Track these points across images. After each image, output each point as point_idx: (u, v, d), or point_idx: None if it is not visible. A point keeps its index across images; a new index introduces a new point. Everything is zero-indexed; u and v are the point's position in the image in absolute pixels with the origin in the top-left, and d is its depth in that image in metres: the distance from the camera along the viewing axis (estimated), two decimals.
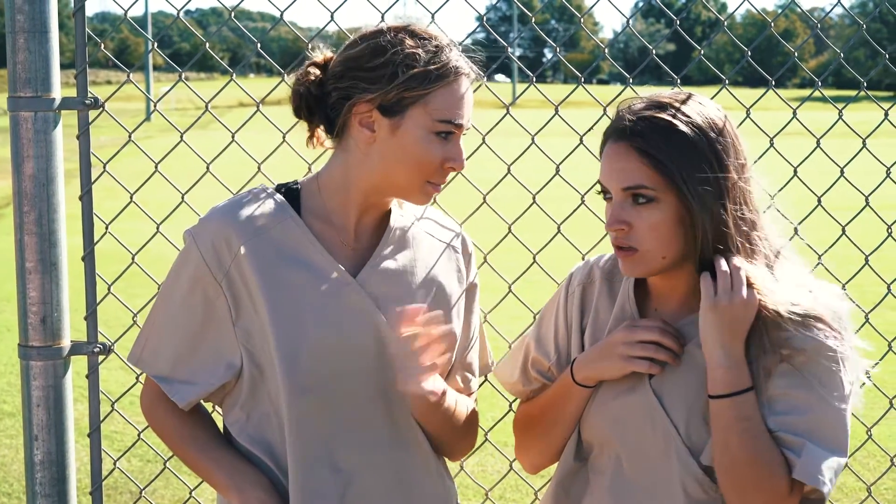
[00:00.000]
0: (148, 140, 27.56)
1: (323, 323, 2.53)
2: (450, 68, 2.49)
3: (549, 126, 3.61)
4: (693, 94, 2.52)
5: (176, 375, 2.61)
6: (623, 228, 2.46)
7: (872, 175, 3.91)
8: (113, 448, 6.90)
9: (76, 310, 3.12)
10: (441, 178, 2.55)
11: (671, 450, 2.50)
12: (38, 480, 3.12)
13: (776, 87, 3.67)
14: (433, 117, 2.48)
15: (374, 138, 2.51)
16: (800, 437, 2.41)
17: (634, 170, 2.44)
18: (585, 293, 2.71)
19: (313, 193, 2.61)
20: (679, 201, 2.42)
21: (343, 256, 2.59)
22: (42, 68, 3.00)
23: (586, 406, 2.64)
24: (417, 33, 2.52)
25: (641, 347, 2.52)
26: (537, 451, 2.77)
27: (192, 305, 2.58)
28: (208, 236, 2.55)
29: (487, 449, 6.67)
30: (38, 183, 3.02)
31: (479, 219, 3.54)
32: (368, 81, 2.48)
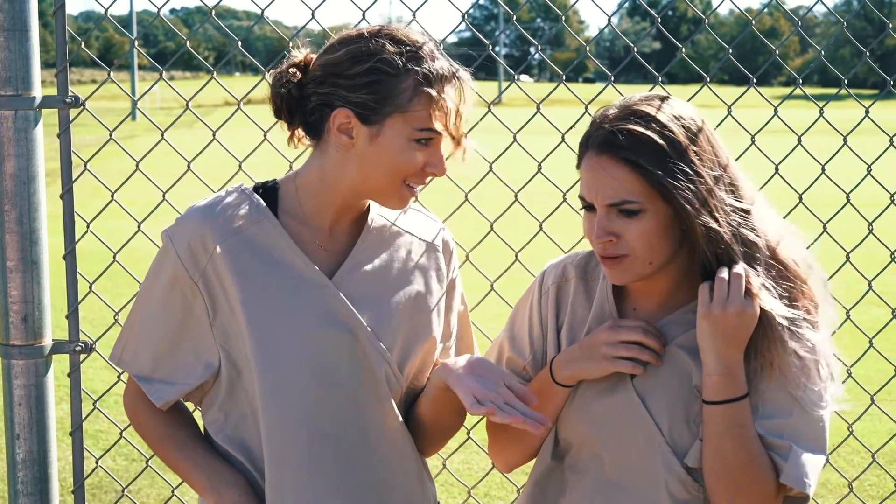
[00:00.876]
0: (133, 139, 27.50)
1: (298, 324, 2.53)
2: (428, 76, 2.47)
3: (534, 124, 3.62)
4: (667, 97, 2.52)
5: (155, 375, 2.61)
6: (612, 240, 2.46)
7: (854, 173, 3.92)
8: (97, 447, 6.88)
9: (58, 308, 3.12)
10: (420, 181, 2.54)
11: (654, 450, 2.51)
12: (21, 479, 3.11)
13: (761, 84, 3.70)
14: (413, 125, 2.47)
15: (353, 144, 2.50)
16: (785, 441, 2.42)
17: (619, 183, 2.43)
18: (560, 291, 2.70)
19: (290, 194, 2.60)
20: (665, 209, 2.43)
21: (319, 258, 2.58)
22: (22, 67, 3.00)
23: (565, 405, 2.64)
24: (398, 38, 2.50)
25: (625, 348, 2.52)
26: (514, 451, 2.75)
27: (170, 305, 2.57)
28: (184, 236, 2.55)
29: (472, 447, 6.67)
30: (19, 181, 3.02)
31: (461, 217, 3.54)
32: (348, 89, 2.47)
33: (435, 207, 2.81)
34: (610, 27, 3.55)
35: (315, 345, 2.53)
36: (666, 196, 2.41)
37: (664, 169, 2.41)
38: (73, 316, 3.22)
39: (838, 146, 3.80)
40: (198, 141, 3.12)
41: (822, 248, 3.58)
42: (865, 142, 4.45)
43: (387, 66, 2.46)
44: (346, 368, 2.55)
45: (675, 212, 2.43)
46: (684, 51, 3.58)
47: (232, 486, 2.56)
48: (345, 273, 2.58)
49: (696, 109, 2.52)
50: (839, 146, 3.80)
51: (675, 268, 2.52)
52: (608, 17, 3.52)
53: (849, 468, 6.68)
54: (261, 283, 2.53)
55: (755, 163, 3.14)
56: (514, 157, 3.57)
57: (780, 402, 2.44)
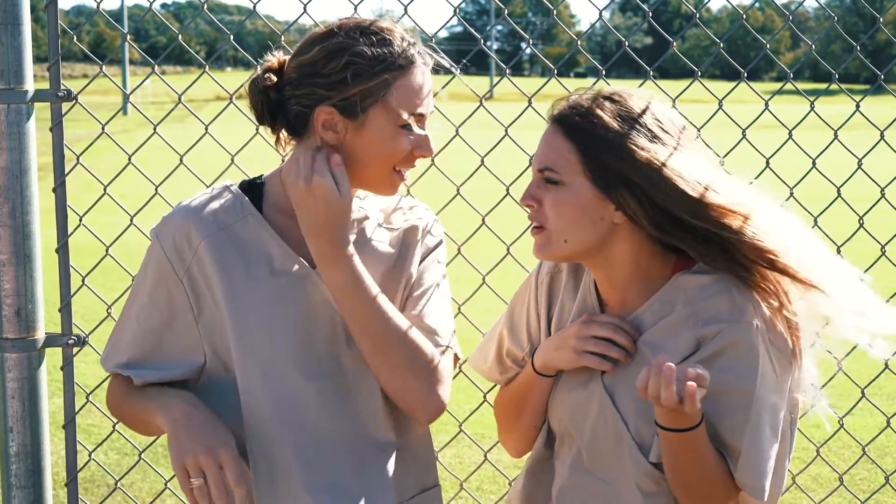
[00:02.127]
0: (125, 134, 27.48)
1: (280, 315, 2.54)
2: (404, 60, 2.49)
3: (526, 119, 3.62)
4: (626, 89, 2.55)
5: (136, 363, 2.62)
6: (532, 205, 2.51)
7: (845, 167, 3.93)
8: (90, 441, 6.89)
9: (51, 302, 3.12)
10: (409, 165, 2.56)
11: (622, 445, 2.52)
12: (14, 472, 3.12)
13: (752, 79, 3.70)
14: (397, 112, 2.48)
15: (340, 138, 2.51)
16: (736, 440, 2.42)
17: (550, 151, 2.50)
18: (553, 282, 2.72)
19: (276, 188, 2.61)
20: (587, 188, 2.45)
21: (305, 248, 2.57)
22: (15, 60, 3.00)
23: (550, 396, 2.66)
24: (369, 31, 2.50)
25: (594, 343, 2.53)
26: (515, 437, 2.78)
27: (157, 303, 2.59)
28: (170, 234, 2.57)
29: (464, 441, 6.69)
30: (12, 175, 3.02)
31: (452, 211, 3.55)
32: (326, 87, 2.48)
33: (427, 201, 2.81)
34: (601, 22, 3.56)
35: (297, 335, 2.54)
36: (594, 176, 2.44)
37: (602, 146, 2.43)
38: (65, 309, 3.23)
39: (829, 141, 3.81)
40: (189, 135, 3.13)
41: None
42: (857, 136, 4.46)
43: (361, 58, 2.47)
44: (330, 358, 2.56)
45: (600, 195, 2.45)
46: (676, 45, 3.59)
47: (178, 399, 2.51)
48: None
49: (678, 116, 2.53)
50: (830, 141, 3.82)
51: (623, 258, 2.52)
52: (599, 12, 3.53)
53: (839, 462, 6.70)
54: (243, 276, 2.54)
55: (746, 157, 3.15)
56: (506, 152, 3.57)
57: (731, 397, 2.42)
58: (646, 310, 2.54)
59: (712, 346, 2.44)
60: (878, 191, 3.89)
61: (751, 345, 2.42)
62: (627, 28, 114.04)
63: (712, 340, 2.43)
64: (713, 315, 2.45)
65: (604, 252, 2.51)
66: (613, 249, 2.51)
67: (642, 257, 2.53)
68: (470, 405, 6.72)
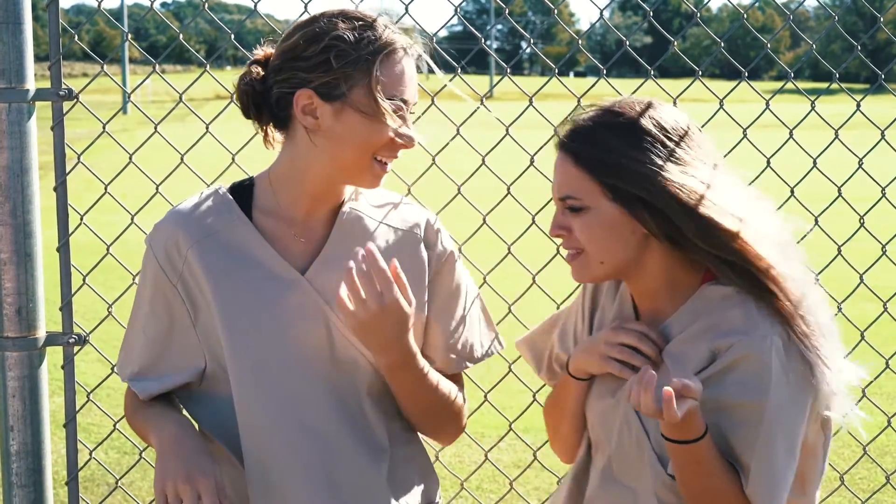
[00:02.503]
0: (126, 133, 27.46)
1: (272, 321, 2.53)
2: (385, 44, 2.48)
3: (527, 118, 3.62)
4: (648, 101, 2.52)
5: (143, 374, 2.65)
6: (561, 234, 2.52)
7: (846, 167, 3.93)
8: (90, 439, 6.89)
9: (52, 301, 3.12)
10: (390, 154, 2.54)
11: (644, 454, 2.52)
12: (14, 471, 3.12)
13: (753, 79, 3.69)
14: (376, 96, 2.46)
15: (319, 125, 2.49)
16: (747, 455, 2.40)
17: (565, 179, 2.49)
18: (597, 289, 2.74)
19: (265, 189, 2.61)
20: (611, 208, 2.45)
21: (296, 251, 2.58)
22: (16, 59, 3.00)
23: (585, 403, 2.67)
24: (351, 15, 2.51)
25: (619, 350, 2.54)
26: (560, 442, 2.80)
27: (157, 310, 2.61)
28: (161, 241, 2.58)
29: (464, 440, 6.68)
30: (13, 174, 3.02)
31: (453, 210, 3.55)
32: (306, 70, 2.48)
33: (427, 200, 2.81)
34: (601, 21, 3.56)
35: (288, 340, 2.54)
36: (614, 195, 2.44)
37: (613, 170, 2.43)
38: (66, 308, 3.23)
39: (830, 140, 3.81)
40: (190, 134, 3.13)
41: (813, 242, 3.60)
42: (857, 136, 4.46)
43: (342, 42, 2.46)
44: (322, 362, 2.56)
45: (624, 212, 2.44)
46: (676, 45, 3.59)
47: (171, 422, 2.54)
48: (318, 266, 2.57)
49: (682, 115, 2.52)
50: (831, 140, 3.82)
51: (654, 270, 2.52)
52: (600, 11, 3.53)
53: (840, 461, 6.70)
54: (233, 282, 2.54)
55: (747, 157, 3.15)
56: (507, 151, 3.57)
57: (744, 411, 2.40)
58: (675, 320, 2.54)
59: (725, 358, 2.42)
60: (879, 190, 3.89)
61: (763, 358, 2.39)
62: (627, 27, 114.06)
63: (725, 353, 2.42)
64: (729, 327, 2.44)
65: (638, 266, 2.52)
66: (646, 262, 2.51)
67: (673, 268, 2.53)
68: (470, 405, 6.70)
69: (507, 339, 2.88)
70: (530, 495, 6.19)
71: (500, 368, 3.66)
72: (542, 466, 3.91)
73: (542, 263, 3.69)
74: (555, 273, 3.90)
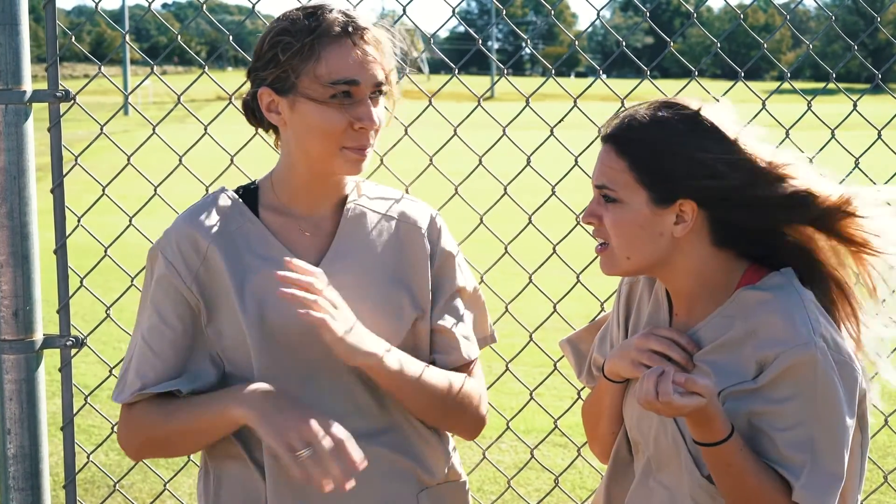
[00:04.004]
0: (126, 134, 27.46)
1: (287, 316, 2.54)
2: (326, 29, 2.50)
3: (525, 119, 3.62)
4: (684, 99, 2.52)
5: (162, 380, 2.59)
6: (592, 222, 2.52)
7: (843, 167, 3.93)
8: (90, 441, 6.88)
9: (49, 303, 3.12)
10: (355, 140, 2.54)
11: (680, 457, 2.52)
12: (12, 474, 3.12)
13: (754, 79, 3.70)
14: (323, 82, 2.49)
15: (284, 121, 2.55)
16: (802, 455, 2.39)
17: (606, 169, 2.48)
18: (632, 291, 2.74)
19: (268, 189, 2.65)
20: (645, 204, 2.45)
21: (305, 246, 2.61)
22: (13, 61, 3.00)
23: (623, 405, 2.68)
24: (304, 9, 2.54)
25: (649, 356, 2.53)
26: (598, 441, 2.80)
27: (167, 318, 2.58)
28: (174, 244, 2.59)
29: (463, 441, 6.67)
30: (10, 176, 3.02)
31: (451, 210, 3.54)
32: (263, 69, 2.54)
33: (425, 200, 2.81)
34: (601, 21, 3.56)
35: (303, 335, 2.55)
36: (651, 193, 2.44)
37: (654, 166, 2.43)
38: (64, 310, 3.23)
39: (826, 140, 3.81)
40: (190, 135, 3.13)
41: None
42: (855, 136, 4.46)
43: (287, 35, 2.51)
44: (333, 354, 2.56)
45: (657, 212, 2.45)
46: (677, 45, 3.59)
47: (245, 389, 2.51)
48: (328, 262, 2.60)
49: (735, 113, 2.52)
50: (827, 140, 3.82)
51: (688, 271, 2.52)
52: (597, 12, 3.53)
53: None
54: (251, 278, 2.56)
55: None
56: (505, 151, 3.58)
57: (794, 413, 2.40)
58: (707, 324, 2.53)
59: (773, 369, 2.41)
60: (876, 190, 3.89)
61: (812, 365, 2.39)
62: (627, 27, 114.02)
63: (773, 364, 2.41)
64: (770, 335, 2.42)
65: (668, 266, 2.51)
66: (677, 263, 2.51)
67: (706, 270, 2.52)
68: None
69: (503, 338, 2.87)
70: (531, 496, 6.18)
71: (499, 368, 3.65)
72: (541, 467, 3.91)
73: (538, 263, 3.69)
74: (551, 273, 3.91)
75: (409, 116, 3.24)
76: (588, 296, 3.83)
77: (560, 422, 3.88)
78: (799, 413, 2.39)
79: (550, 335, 4.68)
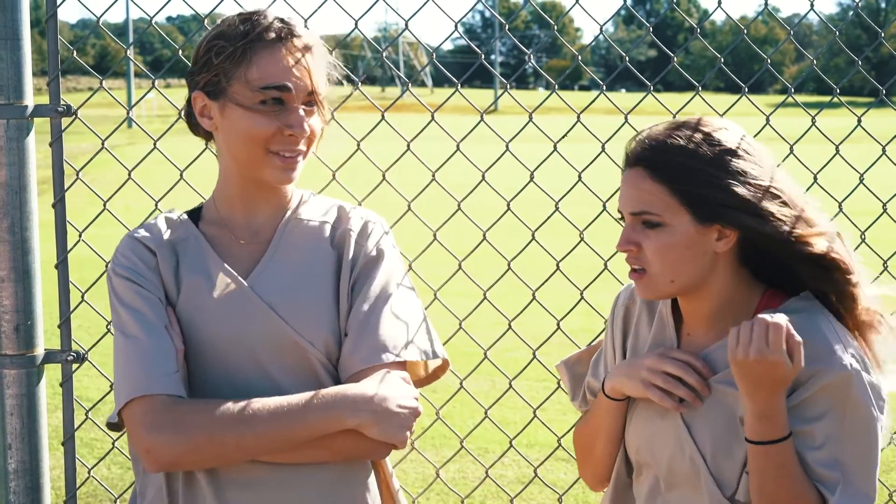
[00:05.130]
0: (131, 146, 27.52)
1: (218, 324, 2.55)
2: (258, 34, 2.50)
3: (527, 133, 3.62)
4: (704, 118, 2.53)
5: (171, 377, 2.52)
6: (632, 249, 2.50)
7: (848, 181, 3.92)
8: (92, 455, 6.88)
9: (50, 318, 3.11)
10: (282, 145, 2.52)
11: (699, 478, 2.52)
12: (13, 489, 3.11)
13: (758, 92, 3.70)
14: (252, 87, 2.49)
15: (215, 125, 2.56)
16: (836, 473, 2.41)
17: (643, 194, 2.47)
18: (628, 313, 2.74)
19: (210, 205, 2.68)
20: (690, 226, 2.45)
21: (241, 255, 2.62)
22: (14, 75, 2.99)
23: (626, 424, 2.67)
24: (242, 15, 2.55)
25: (663, 379, 2.54)
26: (593, 467, 2.79)
27: (147, 320, 2.55)
28: (128, 251, 2.61)
29: (466, 457, 6.66)
30: (11, 190, 3.01)
31: (454, 225, 3.54)
32: (197, 73, 2.55)
33: (427, 216, 2.80)
34: (605, 36, 3.55)
35: (233, 342, 2.55)
36: (693, 212, 2.44)
37: (694, 186, 2.43)
38: (65, 325, 3.22)
39: (831, 155, 3.80)
40: (191, 148, 3.12)
41: None
42: (860, 150, 4.45)
43: (222, 39, 2.52)
44: (264, 364, 2.55)
45: (701, 230, 2.45)
46: (680, 59, 3.58)
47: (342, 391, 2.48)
48: (259, 271, 2.61)
49: (738, 127, 2.53)
50: (832, 155, 3.81)
51: (718, 290, 2.53)
52: (600, 27, 3.52)
53: None
54: (188, 289, 2.58)
55: None
56: (508, 165, 3.57)
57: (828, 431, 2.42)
58: (721, 346, 2.54)
59: (808, 389, 2.42)
60: (881, 205, 3.88)
61: (846, 386, 2.42)
62: (631, 41, 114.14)
63: (808, 383, 2.42)
64: (806, 355, 2.41)
65: (703, 285, 2.52)
66: (711, 282, 2.52)
67: (732, 291, 2.54)
68: (473, 420, 6.70)
69: (506, 350, 2.86)
70: None
71: (502, 384, 3.64)
72: (543, 483, 3.89)
73: (542, 278, 3.68)
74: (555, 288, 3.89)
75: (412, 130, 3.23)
76: (591, 311, 3.82)
77: (564, 438, 3.87)
78: (832, 432, 2.42)
79: (554, 350, 4.68)
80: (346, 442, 2.47)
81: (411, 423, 2.51)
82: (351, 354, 2.56)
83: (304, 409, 2.43)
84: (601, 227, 3.57)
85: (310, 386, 2.53)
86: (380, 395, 2.48)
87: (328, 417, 2.43)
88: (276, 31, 2.51)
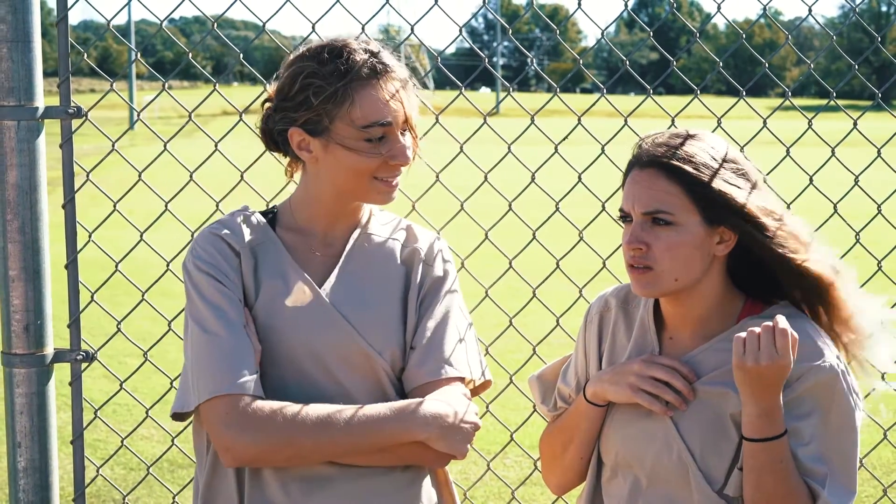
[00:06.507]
0: (133, 148, 27.49)
1: (293, 329, 2.62)
2: (364, 73, 2.58)
3: (529, 135, 3.66)
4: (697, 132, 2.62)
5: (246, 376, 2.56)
6: (641, 248, 2.55)
7: (843, 183, 3.96)
8: (97, 456, 6.91)
9: (60, 318, 3.15)
10: (387, 172, 2.63)
11: (688, 475, 2.57)
12: (22, 487, 3.13)
13: (758, 95, 3.75)
14: (356, 126, 2.57)
15: (315, 158, 2.64)
16: (823, 467, 2.49)
17: (657, 193, 2.54)
18: (603, 321, 2.80)
19: (286, 211, 2.75)
20: (700, 226, 2.51)
21: (315, 264, 2.70)
22: (25, 77, 3.03)
23: (603, 428, 2.72)
24: (329, 48, 2.60)
25: (651, 384, 2.60)
26: (558, 471, 2.85)
27: (227, 316, 2.59)
28: (207, 246, 2.66)
29: (470, 456, 6.69)
30: (22, 191, 3.04)
31: (456, 225, 3.58)
32: (293, 110, 2.61)
33: (430, 216, 2.85)
34: (606, 40, 3.59)
35: (307, 348, 2.62)
36: (704, 214, 2.51)
37: (707, 188, 2.51)
38: (74, 325, 3.25)
39: (828, 157, 3.84)
40: (197, 149, 3.17)
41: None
42: (856, 153, 4.49)
43: (319, 79, 2.57)
44: (346, 370, 2.64)
45: (710, 231, 2.52)
46: (680, 62, 3.63)
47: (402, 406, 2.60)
48: (333, 281, 2.69)
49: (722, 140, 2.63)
50: (828, 157, 3.85)
51: (707, 293, 2.60)
52: (602, 31, 3.56)
53: None
54: (266, 291, 2.65)
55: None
56: (510, 166, 3.61)
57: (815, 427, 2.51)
58: (706, 350, 2.61)
59: (798, 387, 2.50)
60: (875, 207, 3.92)
61: (832, 386, 2.51)
62: (633, 44, 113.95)
63: (798, 382, 2.50)
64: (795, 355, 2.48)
65: (698, 286, 2.59)
66: (703, 285, 2.59)
67: (721, 296, 2.62)
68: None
69: (508, 350, 2.90)
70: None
71: (503, 382, 3.68)
72: (544, 484, 3.93)
73: (542, 278, 3.72)
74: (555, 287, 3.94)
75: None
76: None
77: None
78: (819, 428, 2.50)
79: (554, 349, 4.72)
80: (413, 450, 2.62)
81: (472, 437, 2.65)
82: (418, 367, 2.68)
83: (380, 420, 2.56)
84: (601, 227, 3.61)
85: (375, 392, 2.65)
86: (448, 412, 2.61)
87: (401, 430, 2.57)
88: (369, 67, 2.58)
